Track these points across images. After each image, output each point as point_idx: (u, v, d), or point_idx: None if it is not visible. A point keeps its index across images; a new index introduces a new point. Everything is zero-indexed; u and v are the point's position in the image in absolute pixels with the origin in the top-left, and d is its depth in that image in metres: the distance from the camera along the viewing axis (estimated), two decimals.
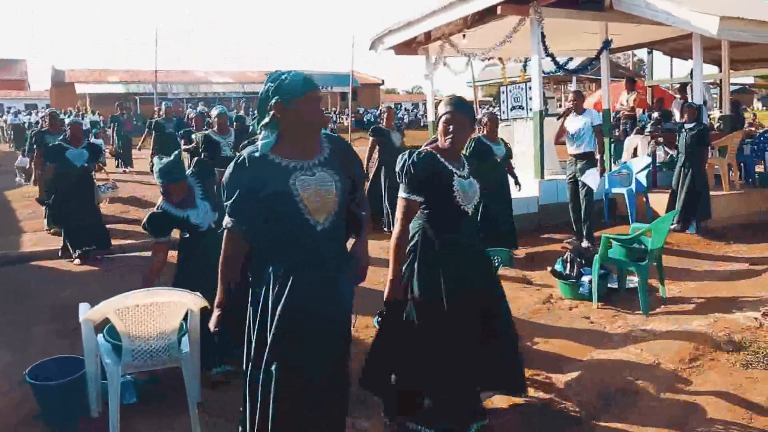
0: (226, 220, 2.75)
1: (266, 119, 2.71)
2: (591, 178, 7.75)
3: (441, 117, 3.51)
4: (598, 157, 7.88)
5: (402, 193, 3.44)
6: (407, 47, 12.05)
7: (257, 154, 2.69)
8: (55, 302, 6.25)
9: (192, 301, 3.76)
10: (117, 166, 16.81)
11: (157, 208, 4.51)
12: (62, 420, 3.88)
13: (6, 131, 29.67)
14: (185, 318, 3.85)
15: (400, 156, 3.52)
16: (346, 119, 31.87)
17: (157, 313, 3.64)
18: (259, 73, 46.37)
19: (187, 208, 4.48)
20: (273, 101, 2.67)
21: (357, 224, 3.01)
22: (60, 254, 7.95)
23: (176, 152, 4.85)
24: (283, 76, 2.68)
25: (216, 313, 2.84)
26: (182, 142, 10.68)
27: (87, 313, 3.77)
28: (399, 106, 50.63)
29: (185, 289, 3.78)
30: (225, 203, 2.71)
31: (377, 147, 9.19)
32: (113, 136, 18.10)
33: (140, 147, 16.38)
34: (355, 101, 29.61)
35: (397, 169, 3.47)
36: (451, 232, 3.46)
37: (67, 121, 9.77)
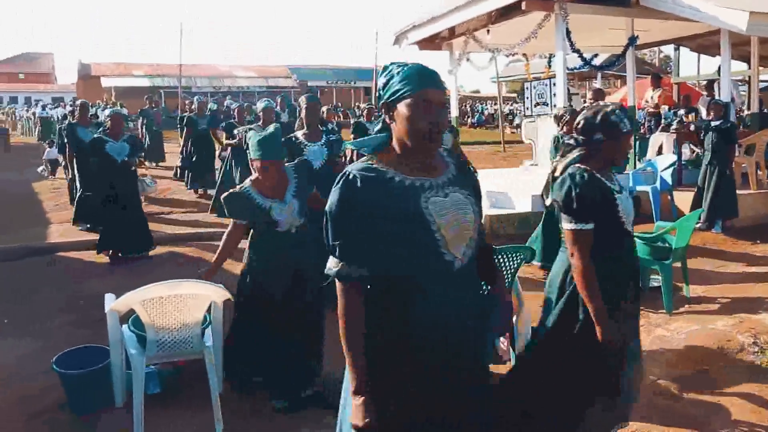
0: (337, 266, 2.04)
1: (379, 124, 2.25)
2: None
3: (624, 133, 2.99)
4: None
5: (570, 225, 2.89)
6: (431, 43, 12.02)
7: (369, 170, 2.04)
8: (81, 293, 6.34)
9: (216, 293, 3.80)
10: (145, 161, 16.36)
11: (240, 189, 3.97)
12: (88, 408, 3.94)
13: (33, 124, 30.02)
14: (209, 310, 3.90)
15: (559, 182, 3.00)
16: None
17: (181, 304, 3.69)
18: (283, 68, 46.58)
19: (274, 198, 3.89)
20: (382, 100, 2.11)
21: (488, 258, 2.35)
22: (97, 250, 7.65)
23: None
24: (396, 69, 2.08)
25: (357, 403, 2.02)
26: (223, 136, 10.49)
27: (112, 303, 3.83)
28: None
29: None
30: (332, 241, 2.04)
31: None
32: (142, 131, 17.55)
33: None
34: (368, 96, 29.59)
35: (559, 198, 2.94)
36: (614, 252, 2.98)
37: (106, 112, 9.24)
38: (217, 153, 11.99)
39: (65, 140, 9.47)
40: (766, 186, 9.68)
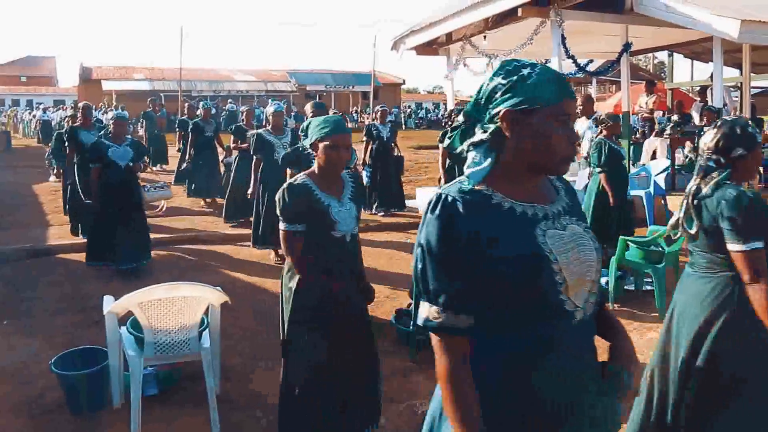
0: (439, 317, 1.59)
1: (481, 133, 1.68)
2: (579, 177, 8.01)
3: (759, 143, 2.87)
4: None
5: (743, 246, 2.62)
6: (428, 48, 12.10)
7: (471, 193, 1.63)
8: (80, 295, 6.41)
9: (213, 295, 3.87)
10: (151, 165, 15.77)
11: (299, 180, 3.31)
12: (86, 409, 4.00)
13: (35, 127, 30.04)
14: (206, 312, 3.96)
15: (717, 203, 2.76)
16: (368, 118, 31.91)
17: (179, 307, 3.75)
18: (282, 72, 46.66)
19: (332, 195, 3.33)
20: (503, 105, 1.63)
21: (607, 315, 1.84)
22: (87, 262, 7.24)
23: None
24: (525, 70, 1.64)
25: None
26: (232, 140, 10.07)
27: (111, 305, 3.89)
28: (420, 106, 50.71)
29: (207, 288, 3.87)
30: (433, 284, 1.60)
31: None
32: (144, 134, 17.17)
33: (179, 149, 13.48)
34: (376, 100, 29.67)
35: (729, 218, 2.68)
36: None
37: (109, 115, 8.46)
38: (220, 159, 11.81)
39: (63, 144, 8.97)
40: (758, 190, 9.75)
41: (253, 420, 3.94)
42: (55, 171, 12.36)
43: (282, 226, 3.22)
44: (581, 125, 8.32)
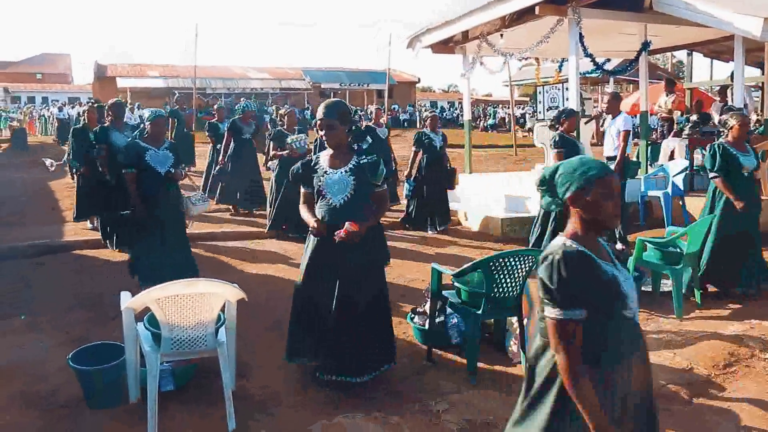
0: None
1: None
2: None
3: None
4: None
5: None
6: (444, 46, 12.06)
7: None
8: (96, 290, 6.42)
9: (230, 292, 3.86)
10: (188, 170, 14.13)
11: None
12: (103, 404, 4.00)
13: (51, 124, 30.17)
14: (223, 309, 3.95)
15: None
16: (379, 118, 31.85)
17: (196, 303, 3.73)
18: (297, 70, 46.73)
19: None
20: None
21: None
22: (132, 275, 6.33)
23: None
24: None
25: None
26: (270, 145, 8.97)
27: (128, 301, 3.89)
28: (435, 105, 50.64)
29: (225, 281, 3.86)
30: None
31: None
32: (170, 135, 15.06)
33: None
34: (390, 99, 29.64)
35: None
36: None
37: (145, 114, 6.89)
38: (262, 164, 10.18)
39: (82, 143, 8.37)
40: None
41: (268, 416, 3.93)
42: (75, 172, 9.93)
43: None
44: (608, 125, 8.30)
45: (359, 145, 4.97)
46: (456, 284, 4.69)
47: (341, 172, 4.14)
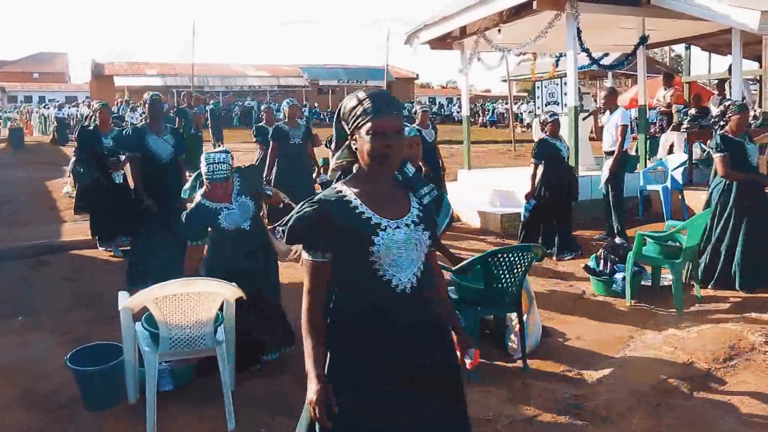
0: None
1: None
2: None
3: None
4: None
5: None
6: (442, 42, 12.02)
7: None
8: (94, 290, 6.40)
9: (228, 291, 3.84)
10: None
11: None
12: (101, 405, 3.99)
13: (49, 124, 29.89)
14: (221, 308, 3.93)
15: None
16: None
17: (194, 302, 3.72)
18: (294, 67, 46.70)
19: None
20: None
21: None
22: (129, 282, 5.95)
23: None
24: None
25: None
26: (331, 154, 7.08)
27: (126, 301, 3.88)
28: (433, 101, 50.61)
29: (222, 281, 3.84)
30: None
31: None
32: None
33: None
34: None
35: None
36: None
37: (145, 96, 6.36)
38: (314, 176, 8.95)
39: (90, 146, 7.74)
40: None
41: (268, 415, 3.92)
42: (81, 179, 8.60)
43: None
44: (606, 120, 8.32)
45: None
46: (455, 280, 4.68)
47: (405, 225, 2.20)
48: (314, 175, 8.96)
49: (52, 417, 3.93)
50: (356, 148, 2.17)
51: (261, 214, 4.61)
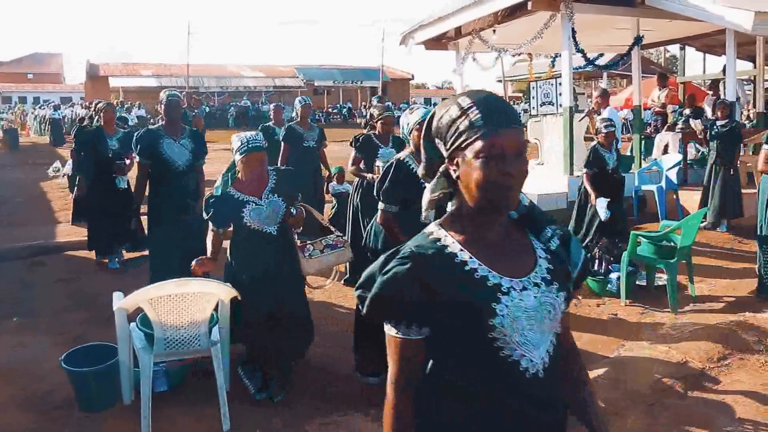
0: None
1: None
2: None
3: None
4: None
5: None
6: (437, 42, 12.02)
7: None
8: (89, 291, 6.40)
9: (222, 291, 3.84)
10: None
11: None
12: (96, 406, 3.98)
13: (44, 125, 29.68)
14: (216, 308, 3.93)
15: None
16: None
17: (188, 303, 3.72)
18: (290, 68, 46.70)
19: None
20: None
21: None
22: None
23: None
24: None
25: None
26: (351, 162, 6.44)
27: (121, 302, 3.87)
28: (429, 101, 50.63)
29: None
30: None
31: None
32: None
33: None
34: (384, 96, 29.62)
35: None
36: None
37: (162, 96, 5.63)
38: (326, 185, 8.29)
39: (91, 150, 7.21)
40: None
41: (263, 416, 3.92)
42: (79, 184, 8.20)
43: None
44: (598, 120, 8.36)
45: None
46: None
47: (535, 285, 1.60)
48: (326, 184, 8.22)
49: (47, 418, 3.92)
50: (458, 177, 1.53)
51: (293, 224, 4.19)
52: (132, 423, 3.74)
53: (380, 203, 3.89)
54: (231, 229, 4.08)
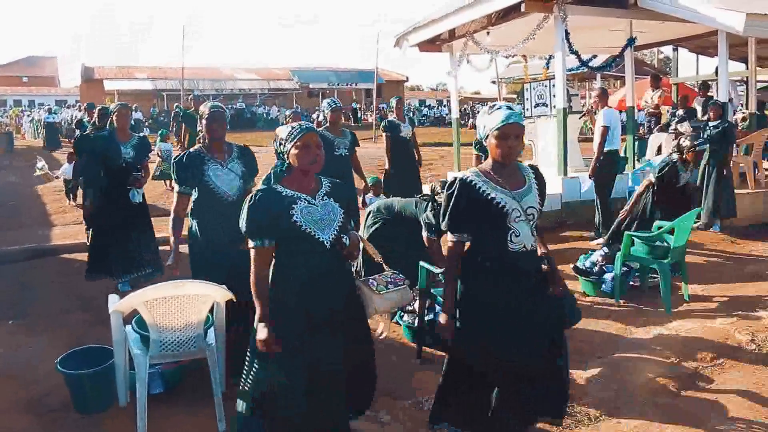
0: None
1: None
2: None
3: None
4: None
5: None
6: (431, 44, 12.06)
7: None
8: (85, 294, 6.38)
9: (218, 293, 3.85)
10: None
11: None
12: (92, 408, 3.99)
13: (38, 129, 29.47)
14: (212, 310, 3.94)
15: None
16: (371, 116, 31.95)
17: (184, 305, 3.73)
18: (285, 70, 46.66)
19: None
20: None
21: None
22: None
23: None
24: None
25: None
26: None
27: (116, 304, 3.87)
28: (423, 103, 50.65)
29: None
30: None
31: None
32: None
33: None
34: (379, 97, 29.64)
35: None
36: None
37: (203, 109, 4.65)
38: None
39: (98, 158, 6.33)
40: (764, 185, 9.71)
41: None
42: (82, 203, 7.80)
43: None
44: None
45: None
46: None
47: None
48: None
49: (43, 420, 3.93)
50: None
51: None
52: (128, 425, 3.74)
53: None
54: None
